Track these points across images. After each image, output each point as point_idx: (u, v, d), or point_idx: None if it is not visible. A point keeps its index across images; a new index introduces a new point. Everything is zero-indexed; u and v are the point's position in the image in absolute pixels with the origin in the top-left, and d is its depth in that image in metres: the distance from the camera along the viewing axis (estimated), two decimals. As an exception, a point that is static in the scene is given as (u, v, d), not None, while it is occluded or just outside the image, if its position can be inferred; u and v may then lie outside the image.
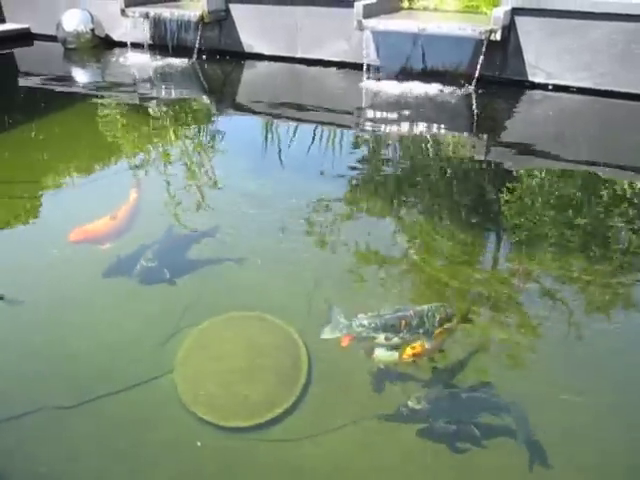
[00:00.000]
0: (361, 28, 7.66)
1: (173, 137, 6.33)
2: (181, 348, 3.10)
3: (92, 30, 9.82)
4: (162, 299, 3.56)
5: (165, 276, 3.65)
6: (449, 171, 5.45)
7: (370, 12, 7.69)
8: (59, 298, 3.60)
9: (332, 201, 4.72)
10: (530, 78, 7.48)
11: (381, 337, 2.74)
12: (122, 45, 9.69)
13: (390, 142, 6.22)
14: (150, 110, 7.22)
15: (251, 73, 9.05)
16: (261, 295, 3.58)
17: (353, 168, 5.45)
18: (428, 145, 6.11)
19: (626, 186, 5.02)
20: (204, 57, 9.14)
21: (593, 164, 5.53)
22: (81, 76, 9.26)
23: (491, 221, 4.60)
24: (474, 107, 7.19)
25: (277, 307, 3.41)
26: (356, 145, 6.23)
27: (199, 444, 2.59)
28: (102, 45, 10.04)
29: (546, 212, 4.58)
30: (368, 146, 6.18)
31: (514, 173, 5.39)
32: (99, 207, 4.72)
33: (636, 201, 4.78)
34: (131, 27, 9.40)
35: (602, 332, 3.28)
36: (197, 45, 9.00)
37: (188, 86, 8.47)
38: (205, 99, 7.88)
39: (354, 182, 5.16)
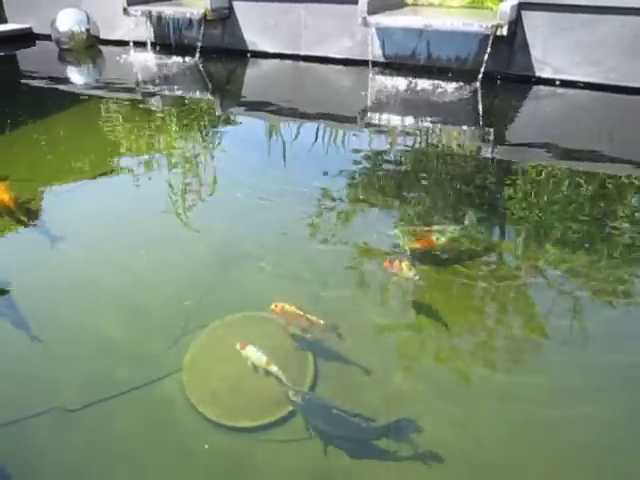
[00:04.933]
0: (366, 24, 7.59)
1: (176, 136, 6.26)
2: (189, 349, 3.03)
3: (87, 30, 9.72)
4: (169, 300, 3.48)
5: None
6: (454, 167, 5.37)
7: (374, 8, 7.62)
8: (60, 299, 3.54)
9: (337, 199, 4.64)
10: (537, 73, 7.39)
11: None
12: (124, 44, 9.62)
13: (395, 139, 6.13)
14: (153, 109, 7.16)
15: (255, 71, 8.98)
16: (266, 295, 3.50)
17: (357, 165, 5.37)
18: (433, 141, 6.04)
19: (633, 181, 4.93)
20: (209, 55, 9.08)
21: (599, 159, 5.45)
22: (83, 76, 9.20)
23: (496, 217, 4.50)
24: (480, 103, 7.10)
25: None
26: (361, 142, 6.14)
27: (206, 446, 2.52)
28: (98, 45, 9.95)
29: (551, 208, 4.51)
30: (373, 143, 6.09)
31: (520, 169, 5.30)
32: (99, 207, 4.69)
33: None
34: (133, 26, 9.35)
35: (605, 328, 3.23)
36: (200, 43, 8.94)
37: (191, 85, 8.40)
38: (209, 97, 7.81)
39: (358, 179, 5.08)
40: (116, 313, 3.39)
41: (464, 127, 6.54)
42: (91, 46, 9.84)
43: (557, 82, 7.31)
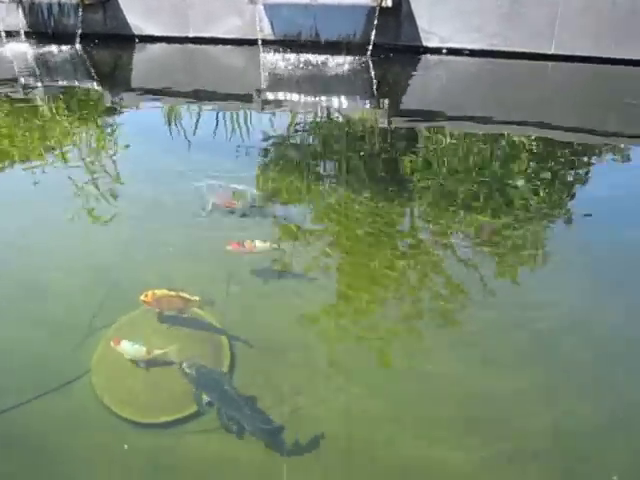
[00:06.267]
0: (252, 2, 7.47)
1: (66, 131, 5.91)
2: (97, 348, 2.90)
3: None
4: (71, 299, 3.31)
5: None
6: (354, 141, 5.44)
7: (260, -15, 7.50)
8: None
9: (243, 182, 4.56)
10: (424, 43, 7.57)
11: None
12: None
13: (293, 116, 6.11)
14: (37, 103, 6.70)
15: (143, 57, 8.62)
16: (175, 284, 3.41)
17: (260, 146, 5.32)
18: (330, 117, 6.08)
19: (524, 140, 5.20)
20: (92, 42, 8.62)
21: (489, 122, 5.71)
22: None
23: (400, 185, 4.61)
24: (372, 75, 7.21)
25: (194, 294, 3.26)
26: (260, 123, 6.07)
27: (126, 447, 2.43)
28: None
29: (451, 172, 4.67)
30: (271, 122, 6.03)
31: (417, 136, 5.45)
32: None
33: (531, 154, 4.98)
34: (3, 14, 8.69)
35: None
36: (79, 29, 8.45)
37: (75, 74, 7.93)
38: (96, 87, 7.42)
39: (263, 160, 5.04)
40: (17, 315, 3.19)
41: (358, 100, 6.63)
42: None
43: (444, 51, 7.54)
